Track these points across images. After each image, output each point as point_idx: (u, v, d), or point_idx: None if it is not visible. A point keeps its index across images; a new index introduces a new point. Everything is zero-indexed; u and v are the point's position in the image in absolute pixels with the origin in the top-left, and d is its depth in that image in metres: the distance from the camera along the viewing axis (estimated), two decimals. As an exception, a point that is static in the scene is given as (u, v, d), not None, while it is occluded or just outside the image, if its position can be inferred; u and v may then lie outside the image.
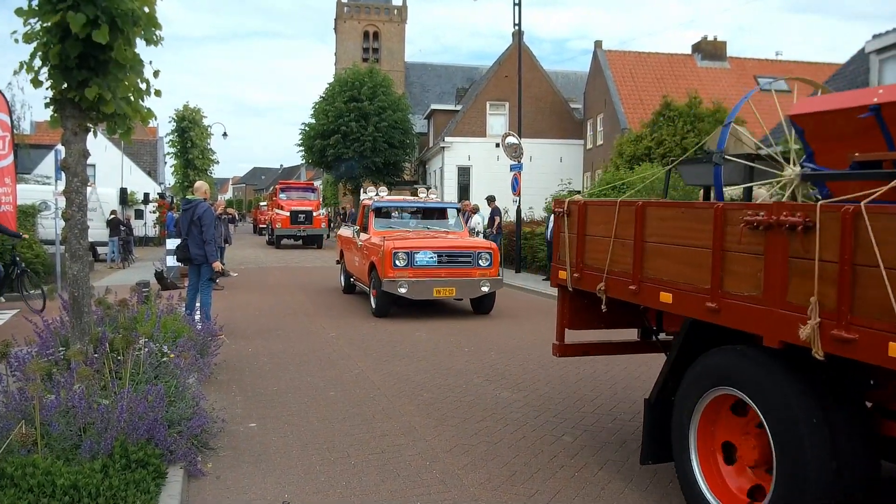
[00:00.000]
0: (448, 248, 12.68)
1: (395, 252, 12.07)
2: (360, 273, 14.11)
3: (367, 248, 13.34)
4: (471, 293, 12.67)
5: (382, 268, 12.07)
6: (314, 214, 35.52)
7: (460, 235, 14.05)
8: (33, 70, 6.06)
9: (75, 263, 6.31)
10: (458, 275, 12.44)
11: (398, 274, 12.04)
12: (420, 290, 12.16)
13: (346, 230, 16.52)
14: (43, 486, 4.11)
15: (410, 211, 15.17)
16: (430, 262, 12.26)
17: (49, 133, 39.46)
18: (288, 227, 34.58)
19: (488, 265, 12.62)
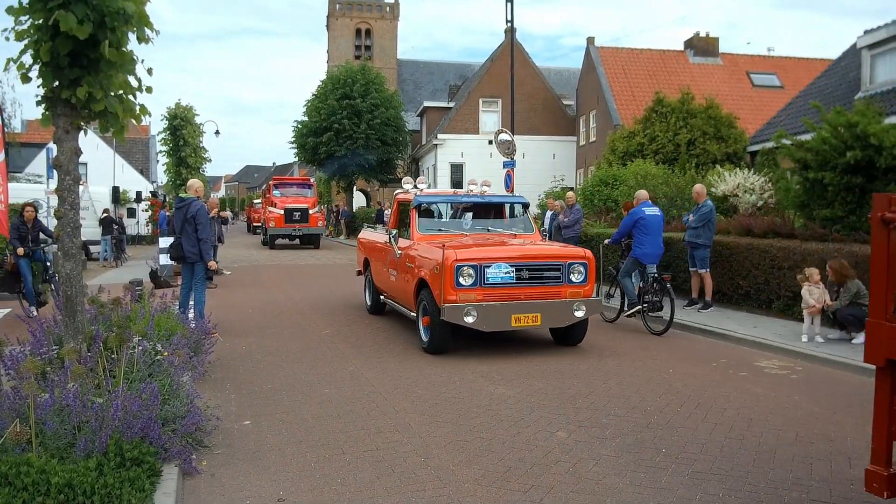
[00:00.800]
0: (529, 257, 9.34)
1: (458, 266, 8.76)
2: (398, 292, 10.76)
3: (411, 259, 10.02)
4: (560, 320, 9.27)
5: (441, 288, 8.78)
6: (311, 212, 32.76)
7: (533, 239, 10.68)
8: (24, 67, 6.03)
9: (68, 262, 6.29)
10: (543, 295, 9.14)
11: (464, 296, 8.78)
12: (495, 319, 8.85)
13: (372, 233, 13.39)
14: (37, 484, 4.10)
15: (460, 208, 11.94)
16: (507, 278, 9.00)
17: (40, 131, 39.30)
18: (282, 226, 32.07)
19: (582, 280, 9.31)
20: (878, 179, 11.44)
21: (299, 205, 32.70)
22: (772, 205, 15.25)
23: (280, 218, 32.12)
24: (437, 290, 8.94)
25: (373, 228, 14.62)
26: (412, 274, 9.88)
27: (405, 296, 10.33)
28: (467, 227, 11.05)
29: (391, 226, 11.82)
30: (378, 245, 12.13)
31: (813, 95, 21.71)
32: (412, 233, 10.40)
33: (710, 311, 12.19)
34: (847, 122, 11.52)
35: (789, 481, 5.02)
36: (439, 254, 8.94)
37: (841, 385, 7.83)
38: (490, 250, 9.36)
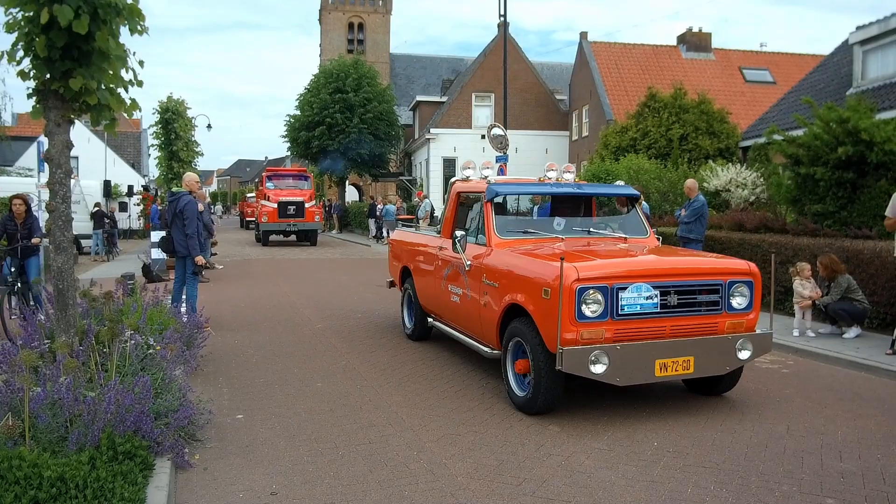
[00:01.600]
0: (678, 274, 6.42)
1: (582, 289, 5.93)
2: (464, 317, 7.99)
3: (492, 273, 7.14)
4: (718, 365, 6.48)
5: (558, 321, 5.86)
6: (307, 206, 30.05)
7: (650, 243, 7.91)
8: (15, 60, 6.00)
9: (60, 255, 6.26)
10: (695, 329, 6.37)
11: (588, 334, 5.98)
12: (633, 367, 6.08)
13: (413, 234, 10.55)
14: (30, 478, 4.09)
15: (542, 202, 9.40)
16: (648, 305, 6.15)
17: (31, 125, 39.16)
18: (276, 220, 29.48)
19: (745, 307, 6.55)
20: (870, 175, 11.50)
21: (294, 198, 30.07)
22: (764, 200, 15.32)
23: (273, 212, 29.44)
24: (545, 323, 6.10)
25: (411, 228, 12.10)
26: (495, 295, 7.02)
27: (477, 324, 7.57)
28: (560, 228, 8.00)
29: (447, 226, 8.84)
30: (425, 250, 9.32)
31: (805, 91, 21.77)
32: (488, 236, 7.54)
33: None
34: (839, 118, 11.58)
35: (781, 474, 5.05)
36: (549, 269, 6.14)
37: (832, 379, 7.87)
38: (623, 264, 6.58)
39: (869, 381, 7.83)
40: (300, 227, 30.33)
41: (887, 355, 8.47)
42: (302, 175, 33.57)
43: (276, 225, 29.76)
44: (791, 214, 13.14)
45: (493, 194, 7.79)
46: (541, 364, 6.17)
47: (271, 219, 29.50)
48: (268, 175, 32.92)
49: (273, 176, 32.85)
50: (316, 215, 30.90)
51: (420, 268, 9.48)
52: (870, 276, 9.90)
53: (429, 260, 9.09)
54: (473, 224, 8.24)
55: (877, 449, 5.60)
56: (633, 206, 8.51)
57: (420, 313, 9.58)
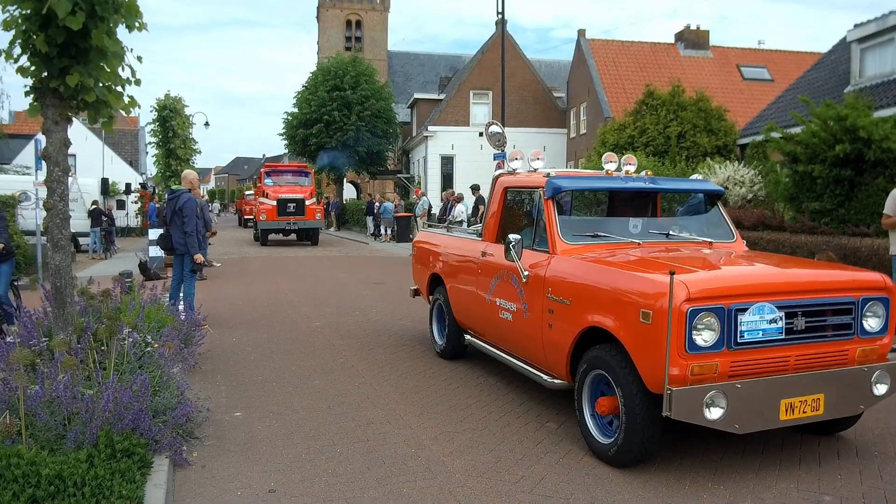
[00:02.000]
0: (805, 289, 5.24)
1: (694, 311, 4.74)
2: (519, 339, 6.63)
3: (560, 287, 5.86)
4: (850, 404, 5.29)
5: (666, 353, 4.66)
6: (307, 203, 28.61)
7: (738, 248, 6.65)
8: (13, 58, 6.00)
9: (57, 253, 6.26)
10: (824, 361, 5.18)
11: (700, 367, 4.78)
12: (755, 410, 4.90)
13: (444, 236, 9.16)
14: (28, 476, 4.09)
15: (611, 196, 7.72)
16: (773, 330, 4.97)
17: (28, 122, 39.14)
18: (275, 219, 28.01)
19: (879, 330, 5.38)
20: (867, 172, 11.52)
21: (294, 195, 28.55)
22: (761, 197, 15.34)
23: (272, 210, 27.97)
24: (643, 354, 4.84)
25: (440, 228, 10.51)
26: (565, 315, 5.69)
27: (537, 348, 6.22)
28: (636, 231, 6.73)
29: (491, 228, 7.52)
30: (462, 256, 8.08)
31: (803, 89, 21.79)
32: (552, 241, 6.20)
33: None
34: (837, 116, 11.59)
35: (778, 471, 5.06)
36: (650, 284, 4.92)
37: (829, 376, 7.87)
38: (742, 278, 5.40)
39: (866, 378, 7.83)
40: (300, 226, 28.82)
41: (884, 353, 8.46)
42: (302, 171, 31.72)
43: (276, 223, 28.23)
44: (789, 212, 13.17)
45: (556, 190, 6.41)
46: (636, 406, 4.91)
47: (270, 217, 27.98)
48: (266, 171, 31.26)
49: (272, 172, 31.15)
50: (317, 213, 29.33)
51: (456, 276, 8.22)
52: (867, 274, 9.90)
53: (468, 268, 7.79)
54: (526, 225, 6.95)
55: (874, 446, 5.61)
56: (713, 205, 7.14)
57: (454, 329, 8.30)
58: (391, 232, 31.31)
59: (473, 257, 7.64)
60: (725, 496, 4.64)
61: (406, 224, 29.97)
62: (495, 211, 7.55)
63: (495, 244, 7.20)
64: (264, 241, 28.92)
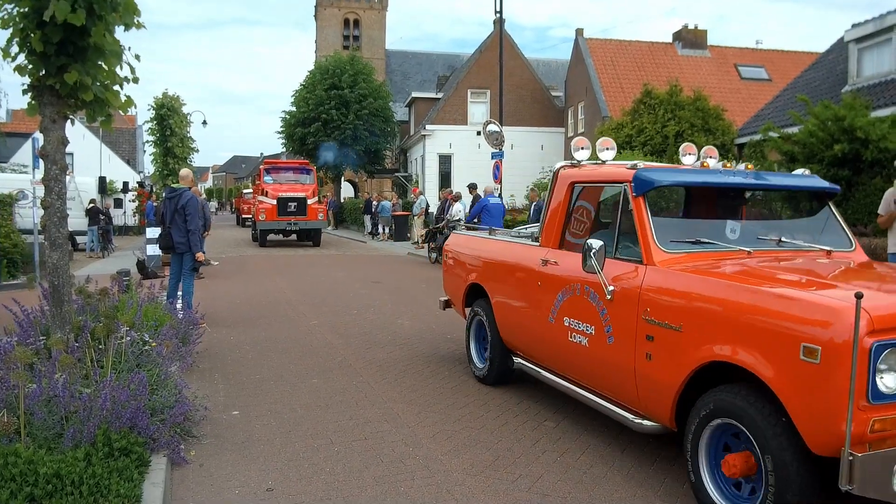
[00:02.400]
0: None
1: (881, 346, 3.50)
2: (603, 372, 5.36)
3: (663, 307, 4.62)
4: None
5: (838, 401, 3.46)
6: (309, 202, 27.11)
7: (858, 258, 5.51)
8: (10, 56, 5.99)
9: (55, 252, 6.26)
10: None
11: (883, 423, 3.56)
12: None
13: (486, 240, 7.88)
14: (25, 474, 4.09)
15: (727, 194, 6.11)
16: None
17: (26, 121, 39.07)
18: (275, 218, 26.54)
19: None
20: (864, 172, 11.54)
21: (295, 193, 27.04)
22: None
23: (272, 209, 26.53)
24: (803, 403, 3.69)
25: (482, 231, 9.10)
26: (674, 344, 4.49)
27: (628, 383, 4.98)
28: (735, 236, 5.48)
29: (553, 231, 6.24)
30: (513, 264, 6.81)
31: (800, 88, 21.81)
32: (645, 248, 4.98)
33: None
34: (834, 116, 11.61)
35: (775, 470, 5.06)
36: (818, 308, 3.75)
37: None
38: None
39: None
40: (302, 226, 27.25)
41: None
42: (304, 168, 30.07)
43: (275, 223, 26.77)
44: (786, 211, 13.17)
45: (648, 185, 5.15)
46: (790, 471, 3.73)
47: (270, 216, 26.49)
48: (266, 168, 29.58)
49: (272, 169, 29.42)
50: (319, 213, 27.66)
51: (504, 288, 6.96)
52: (864, 273, 9.92)
53: (522, 279, 6.53)
54: (600, 228, 6.01)
55: (871, 445, 5.62)
56: (825, 205, 5.89)
57: (500, 350, 7.09)
58: (389, 231, 31.33)
59: (530, 266, 6.35)
60: (723, 495, 4.64)
61: (403, 223, 29.98)
62: (559, 210, 6.22)
63: (559, 251, 6.05)
64: (263, 241, 27.62)
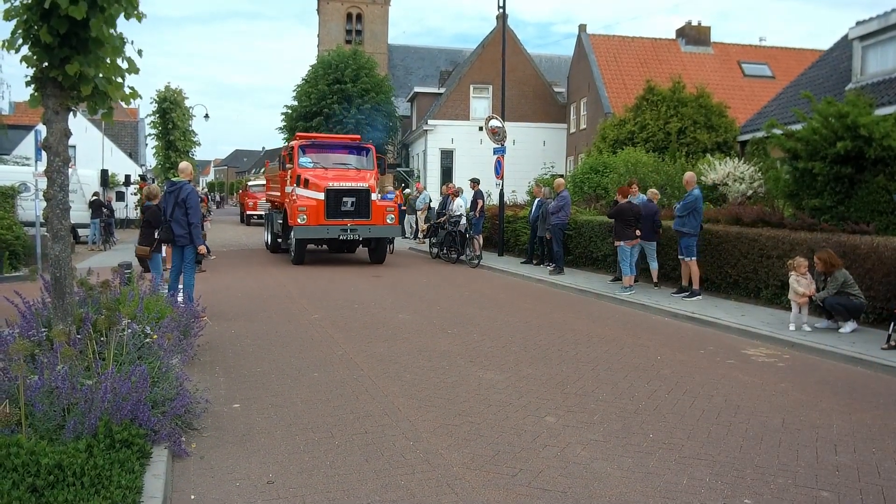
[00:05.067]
0: None
1: None
2: None
3: None
4: None
5: None
6: (372, 197, 18.43)
7: None
8: (14, 48, 5.99)
9: (57, 244, 6.26)
10: None
11: None
12: None
13: None
14: (27, 465, 4.10)
15: None
16: None
17: (28, 113, 39.04)
18: (321, 222, 17.72)
19: None
20: (868, 170, 11.52)
21: (353, 184, 18.22)
22: (761, 194, 15.33)
23: (317, 208, 17.67)
24: None
25: None
26: None
27: None
28: None
29: None
30: None
31: (804, 86, 21.76)
32: None
33: (696, 299, 12.24)
34: (838, 113, 11.58)
35: (776, 467, 5.07)
36: None
37: (827, 373, 7.90)
38: None
39: (864, 375, 7.86)
40: (364, 233, 18.20)
41: (883, 350, 8.49)
42: (358, 147, 20.67)
43: (322, 230, 17.85)
44: (789, 209, 13.15)
45: None
46: None
47: (314, 219, 17.69)
48: (302, 145, 19.78)
49: (311, 147, 19.95)
50: (389, 214, 18.75)
51: None
52: (866, 271, 9.92)
53: None
54: None
55: (872, 442, 5.62)
56: None
57: None
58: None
59: None
60: (723, 492, 4.65)
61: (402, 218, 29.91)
62: None
63: None
64: (300, 256, 18.50)
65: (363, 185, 18.32)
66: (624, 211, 13.16)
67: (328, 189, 17.84)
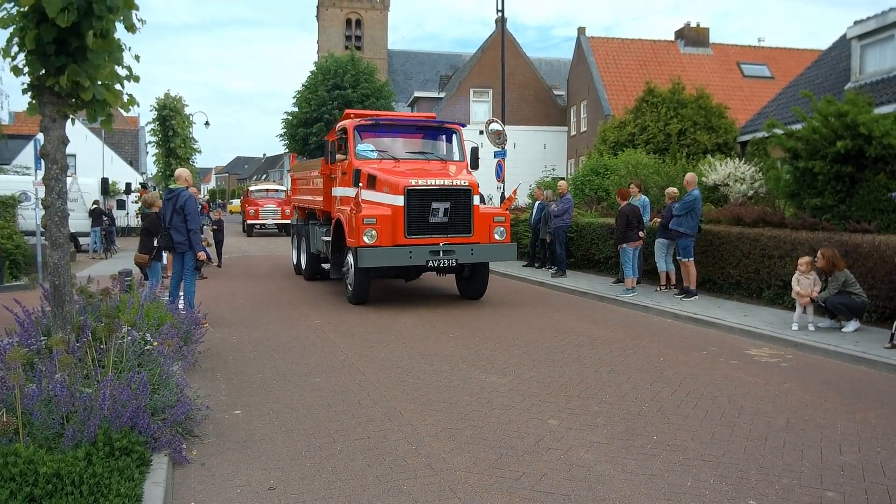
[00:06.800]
0: None
1: None
2: None
3: None
4: None
5: None
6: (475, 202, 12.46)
7: None
8: (10, 56, 5.97)
9: (56, 251, 6.23)
10: None
11: None
12: None
13: None
14: (25, 474, 4.07)
15: None
16: None
17: (28, 123, 39.11)
18: (401, 241, 11.83)
19: None
20: (868, 168, 11.49)
21: (445, 181, 12.25)
22: (762, 194, 15.31)
23: (392, 218, 11.92)
24: None
25: None
26: None
27: None
28: None
29: None
30: None
31: (803, 86, 21.74)
32: None
33: (694, 299, 12.20)
34: (837, 112, 11.56)
35: (780, 468, 5.03)
36: None
37: (831, 373, 7.86)
38: None
39: (868, 374, 7.82)
40: (462, 256, 12.13)
41: (886, 349, 8.45)
42: (437, 126, 14.60)
43: (403, 253, 11.85)
44: (789, 208, 13.12)
45: None
46: None
47: (388, 235, 11.89)
48: (361, 125, 13.80)
49: (374, 128, 14.07)
50: (499, 226, 12.74)
51: None
52: (868, 270, 9.88)
53: None
54: None
55: (876, 442, 5.59)
56: None
57: None
58: None
59: None
60: (728, 493, 4.61)
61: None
62: None
63: None
64: (362, 293, 12.53)
65: (462, 184, 12.12)
66: (625, 213, 13.12)
67: (410, 190, 11.69)
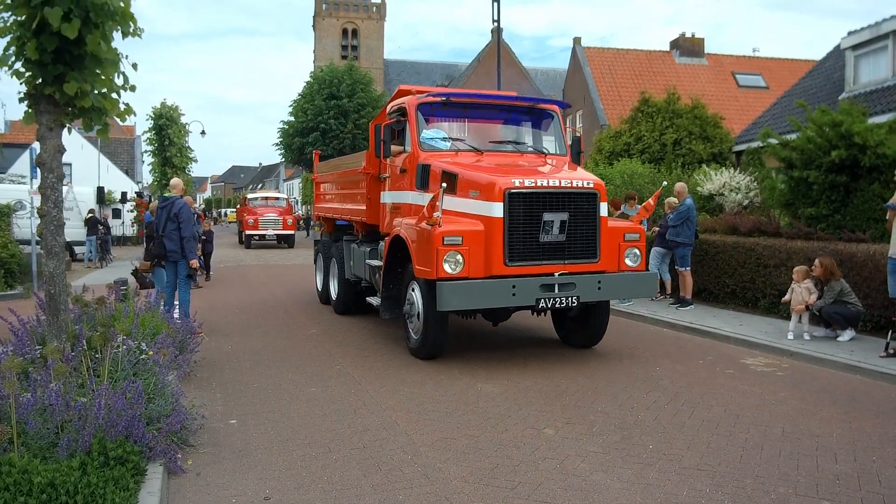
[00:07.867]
0: None
1: None
2: None
3: None
4: None
5: None
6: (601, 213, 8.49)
7: None
8: (7, 65, 5.98)
9: (51, 260, 6.23)
10: None
11: None
12: None
13: None
14: (19, 484, 4.05)
15: None
16: None
17: (24, 131, 39.04)
18: (498, 269, 7.89)
19: None
20: (863, 178, 11.53)
21: (558, 180, 8.30)
22: (757, 203, 15.34)
23: (487, 236, 7.90)
24: None
25: None
26: None
27: None
28: None
29: None
30: None
31: (798, 96, 21.83)
32: None
33: (690, 308, 12.21)
34: (832, 122, 11.60)
35: (776, 477, 5.03)
36: None
37: (826, 382, 7.86)
38: None
39: (864, 383, 7.83)
40: (586, 291, 8.20)
41: (881, 358, 8.47)
42: (529, 107, 10.24)
43: (504, 288, 7.82)
44: (785, 218, 13.16)
45: None
46: None
47: (479, 262, 7.93)
48: (427, 103, 9.59)
49: (439, 108, 9.70)
50: (632, 246, 8.81)
51: None
52: (864, 279, 9.90)
53: None
54: None
55: (872, 451, 5.59)
56: None
57: None
58: None
59: None
60: (724, 502, 4.61)
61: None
62: None
63: None
64: (437, 344, 8.66)
65: (585, 185, 8.49)
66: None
67: (512, 194, 8.02)
